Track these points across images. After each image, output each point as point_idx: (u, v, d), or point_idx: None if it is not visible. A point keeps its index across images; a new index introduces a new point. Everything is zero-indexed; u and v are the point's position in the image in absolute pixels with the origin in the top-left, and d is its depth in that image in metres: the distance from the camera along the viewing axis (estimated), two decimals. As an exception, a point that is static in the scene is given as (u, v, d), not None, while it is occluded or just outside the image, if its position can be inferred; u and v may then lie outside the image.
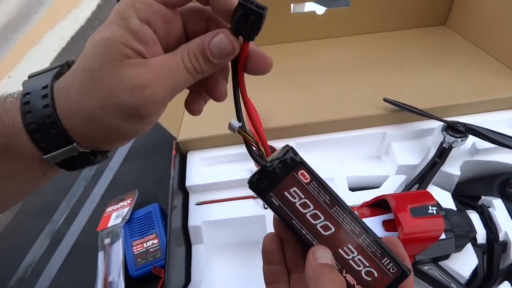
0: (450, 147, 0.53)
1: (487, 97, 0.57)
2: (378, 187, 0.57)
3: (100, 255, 0.60)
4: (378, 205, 0.47)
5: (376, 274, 0.28)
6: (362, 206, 0.49)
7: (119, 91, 0.23)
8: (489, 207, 0.51)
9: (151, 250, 0.61)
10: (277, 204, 0.28)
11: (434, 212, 0.43)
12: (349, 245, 0.28)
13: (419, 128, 0.58)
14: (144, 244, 0.62)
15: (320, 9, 0.79)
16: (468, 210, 0.52)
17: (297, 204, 0.28)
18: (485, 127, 0.54)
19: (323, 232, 0.28)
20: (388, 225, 0.44)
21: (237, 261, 0.57)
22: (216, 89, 0.28)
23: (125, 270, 0.59)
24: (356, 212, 0.46)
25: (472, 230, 0.47)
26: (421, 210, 0.43)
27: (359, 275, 0.28)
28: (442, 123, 0.55)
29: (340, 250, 0.28)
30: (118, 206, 0.67)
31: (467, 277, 0.47)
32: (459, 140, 0.52)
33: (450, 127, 0.53)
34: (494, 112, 0.58)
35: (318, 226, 0.27)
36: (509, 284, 0.45)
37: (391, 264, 0.28)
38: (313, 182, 0.27)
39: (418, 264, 0.45)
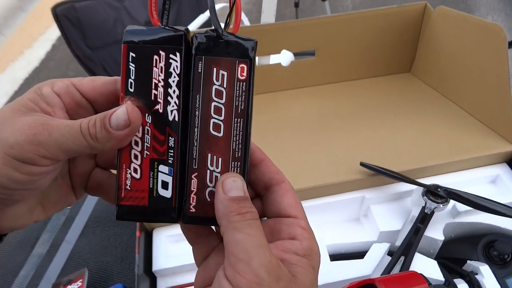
0: (432, 212, 0.51)
1: (463, 156, 0.56)
2: (359, 253, 0.54)
3: None
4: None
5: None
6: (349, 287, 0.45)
7: (8, 131, 0.23)
8: (476, 274, 0.49)
9: None
10: (199, 71, 0.25)
11: (427, 297, 0.40)
12: (220, 159, 0.26)
13: (398, 190, 0.56)
14: (108, 334, 0.55)
15: (285, 61, 0.77)
16: (456, 279, 0.49)
17: (213, 87, 0.25)
18: (465, 186, 0.53)
19: (210, 129, 0.26)
20: (379, 312, 0.41)
21: None
22: None
23: None
24: None
25: (464, 306, 0.45)
26: (413, 296, 0.40)
27: (203, 189, 0.26)
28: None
29: (210, 154, 0.26)
30: (68, 291, 0.59)
31: None
32: (441, 205, 0.50)
33: (431, 192, 0.51)
34: (472, 170, 0.57)
35: (211, 120, 0.25)
36: None
37: None
38: (244, 83, 0.26)
39: None
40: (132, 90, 0.25)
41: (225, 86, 0.25)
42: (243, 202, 0.24)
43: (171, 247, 0.55)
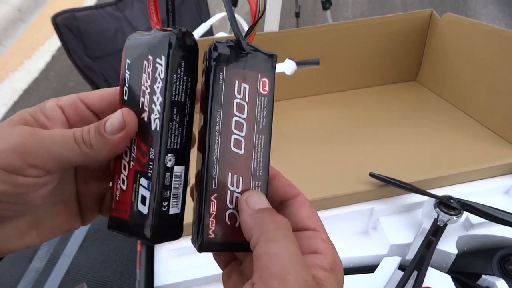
0: (445, 225, 0.49)
1: (474, 166, 0.54)
2: (369, 267, 0.52)
3: None
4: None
5: (237, 224, 0.24)
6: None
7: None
8: (492, 289, 0.47)
9: None
10: (220, 82, 0.23)
11: (445, 315, 0.38)
12: (241, 178, 0.24)
13: (408, 202, 0.54)
14: None
15: (289, 70, 0.76)
16: (472, 295, 0.47)
17: (235, 101, 0.24)
18: (477, 197, 0.51)
19: (231, 146, 0.24)
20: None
21: None
22: None
23: None
24: None
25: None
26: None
27: (223, 211, 0.24)
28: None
29: (230, 173, 0.24)
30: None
31: None
32: (454, 217, 0.48)
33: (443, 203, 0.49)
34: (483, 181, 0.55)
35: (232, 136, 0.23)
36: None
37: None
38: (266, 98, 0.24)
39: None
40: (126, 98, 0.24)
41: (247, 100, 0.24)
42: (274, 213, 0.22)
43: (174, 262, 0.53)
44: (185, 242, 0.53)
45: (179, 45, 0.23)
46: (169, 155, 0.23)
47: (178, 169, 0.24)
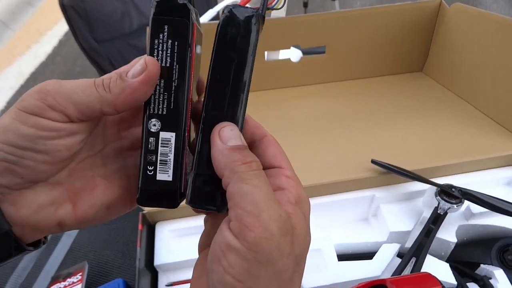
0: (445, 213, 0.49)
1: (477, 156, 0.54)
2: (368, 253, 0.52)
3: None
4: (376, 288, 0.42)
5: None
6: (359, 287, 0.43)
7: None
8: (490, 278, 0.47)
9: (114, 337, 0.53)
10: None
11: (441, 300, 0.38)
12: None
13: (410, 190, 0.54)
14: (107, 330, 0.53)
15: (295, 57, 0.76)
16: (469, 283, 0.47)
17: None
18: (478, 187, 0.51)
19: None
20: (389, 315, 0.39)
21: None
22: None
23: None
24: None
25: (479, 312, 0.43)
26: (426, 298, 0.38)
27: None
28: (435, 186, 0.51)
29: None
30: (66, 283, 0.57)
31: None
32: (455, 206, 0.48)
33: (444, 191, 0.49)
34: (486, 171, 0.55)
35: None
36: None
37: None
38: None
39: None
40: None
41: None
42: (245, 151, 0.22)
43: (174, 242, 0.53)
44: (186, 224, 0.54)
45: (159, 11, 0.23)
46: (153, 120, 0.24)
47: (166, 135, 0.24)
